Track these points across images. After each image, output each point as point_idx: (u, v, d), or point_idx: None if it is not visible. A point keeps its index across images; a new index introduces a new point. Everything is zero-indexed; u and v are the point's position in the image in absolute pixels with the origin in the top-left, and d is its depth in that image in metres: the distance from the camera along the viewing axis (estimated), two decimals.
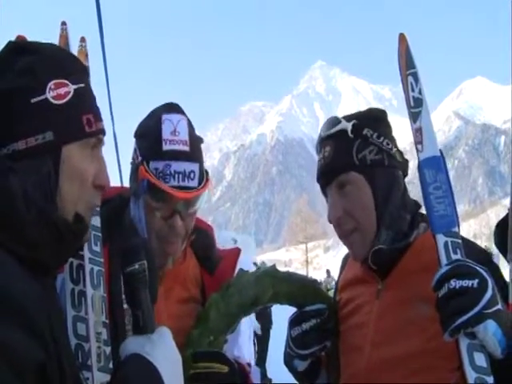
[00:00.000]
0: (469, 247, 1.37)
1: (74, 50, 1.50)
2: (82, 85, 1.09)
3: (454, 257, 1.30)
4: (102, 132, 1.13)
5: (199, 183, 1.52)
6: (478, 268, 1.23)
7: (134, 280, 1.17)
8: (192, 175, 1.49)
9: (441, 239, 1.33)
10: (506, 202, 1.44)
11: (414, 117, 1.42)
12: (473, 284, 1.20)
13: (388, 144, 1.55)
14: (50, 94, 1.03)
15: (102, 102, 1.48)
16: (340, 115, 1.64)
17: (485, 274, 1.22)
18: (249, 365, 1.67)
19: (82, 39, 1.53)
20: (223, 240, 7.30)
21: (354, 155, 1.53)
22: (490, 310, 1.18)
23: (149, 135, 1.54)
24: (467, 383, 1.20)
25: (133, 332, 1.16)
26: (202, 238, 1.71)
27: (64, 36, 1.48)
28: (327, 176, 1.58)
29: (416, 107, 1.42)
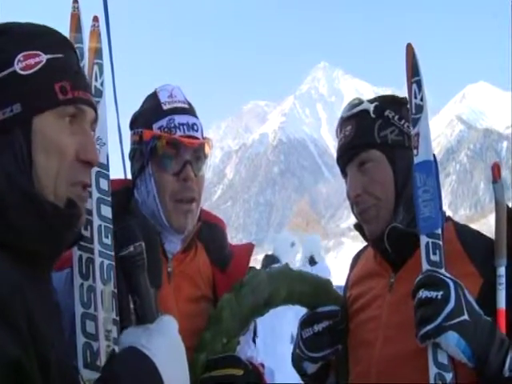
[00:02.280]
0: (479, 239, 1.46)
1: (87, 29, 1.43)
2: (60, 55, 1.02)
3: (432, 257, 1.36)
4: (84, 101, 1.03)
5: (202, 137, 1.54)
6: (446, 279, 1.28)
7: (129, 264, 1.07)
8: (195, 127, 1.53)
9: (423, 240, 1.39)
10: None
11: (414, 122, 1.47)
12: (437, 296, 1.26)
13: (409, 127, 1.55)
14: (18, 66, 0.98)
15: (107, 99, 1.48)
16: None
17: (451, 285, 1.27)
18: (262, 365, 1.63)
19: (95, 19, 1.45)
20: (280, 244, 6.83)
21: (376, 134, 1.55)
22: (451, 322, 1.23)
23: (146, 109, 1.57)
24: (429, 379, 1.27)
25: (135, 322, 1.07)
26: (212, 232, 1.66)
27: (76, 14, 1.41)
28: (348, 154, 1.58)
29: (416, 113, 1.46)
